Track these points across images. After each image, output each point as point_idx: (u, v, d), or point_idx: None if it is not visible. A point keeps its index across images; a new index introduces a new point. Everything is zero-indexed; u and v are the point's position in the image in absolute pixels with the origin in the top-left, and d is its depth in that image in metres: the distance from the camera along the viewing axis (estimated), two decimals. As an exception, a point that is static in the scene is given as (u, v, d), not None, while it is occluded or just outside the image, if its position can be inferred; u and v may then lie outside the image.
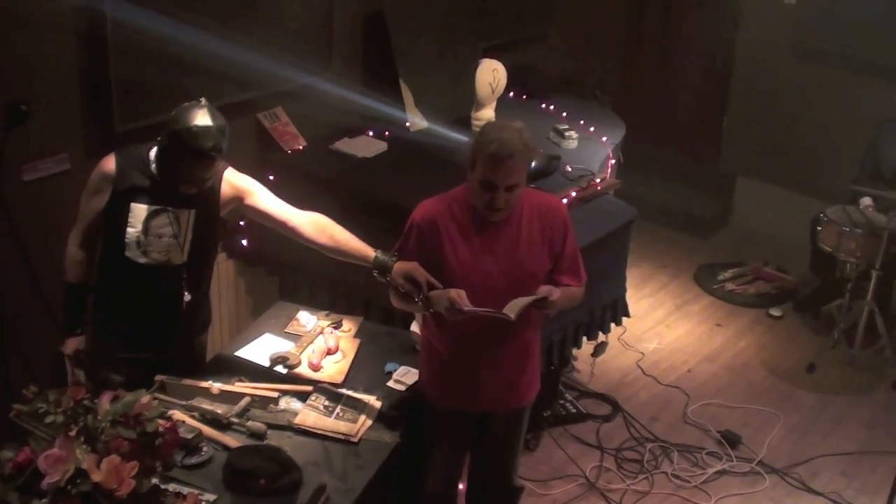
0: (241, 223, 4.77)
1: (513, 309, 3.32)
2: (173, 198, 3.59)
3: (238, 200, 3.74)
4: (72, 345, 3.77)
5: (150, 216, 3.58)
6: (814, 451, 5.25)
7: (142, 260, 3.61)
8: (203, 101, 3.50)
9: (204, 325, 3.97)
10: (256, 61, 4.77)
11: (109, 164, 3.60)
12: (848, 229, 5.83)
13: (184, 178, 3.53)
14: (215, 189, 3.68)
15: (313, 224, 3.71)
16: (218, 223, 3.78)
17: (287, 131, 5.17)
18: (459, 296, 3.34)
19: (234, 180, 3.72)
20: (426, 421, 3.73)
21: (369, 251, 3.61)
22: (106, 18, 4.20)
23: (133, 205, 3.58)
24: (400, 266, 3.50)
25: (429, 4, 5.70)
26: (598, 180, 5.08)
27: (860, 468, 5.16)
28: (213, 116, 3.46)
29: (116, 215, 3.60)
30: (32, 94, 4.09)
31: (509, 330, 3.46)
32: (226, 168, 3.72)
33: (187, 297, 3.72)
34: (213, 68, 4.54)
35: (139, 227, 3.58)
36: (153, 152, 3.60)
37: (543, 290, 3.39)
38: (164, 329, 3.74)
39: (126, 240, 3.59)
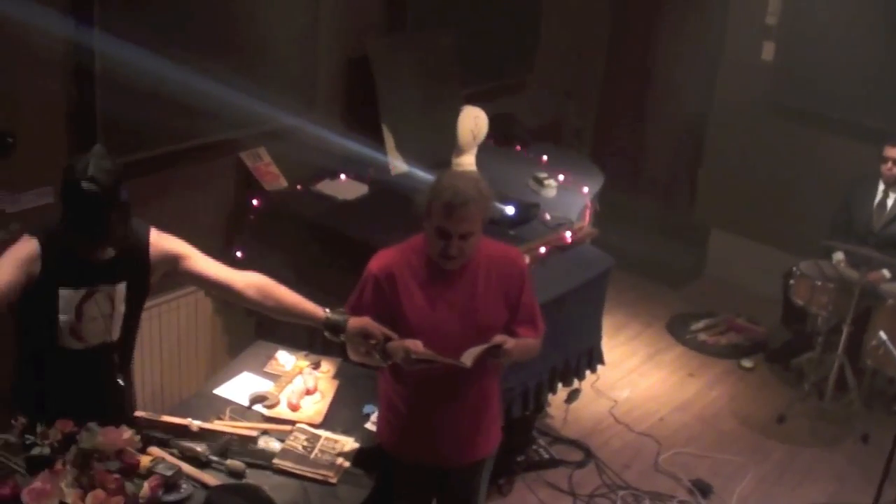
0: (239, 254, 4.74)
1: (468, 357, 3.31)
2: (101, 273, 3.30)
3: (170, 265, 3.45)
4: None
5: (83, 299, 3.28)
6: (783, 502, 5.28)
7: (77, 346, 3.33)
8: (95, 147, 3.22)
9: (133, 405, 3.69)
10: (241, 101, 4.80)
11: (33, 248, 3.19)
12: (820, 283, 5.90)
13: (87, 230, 3.17)
14: (143, 255, 3.38)
15: (257, 288, 3.52)
16: (146, 293, 3.49)
17: (269, 171, 5.19)
18: (415, 345, 3.31)
19: (162, 243, 3.43)
20: (389, 473, 3.65)
21: (319, 312, 3.48)
22: (95, 54, 4.24)
23: (62, 290, 3.24)
24: (354, 323, 3.42)
25: (413, 51, 5.76)
26: (576, 229, 5.13)
27: (829, 520, 5.20)
28: (96, 156, 3.13)
29: (42, 303, 3.25)
30: (19, 126, 4.09)
31: (466, 381, 3.43)
32: (149, 230, 3.42)
33: (119, 379, 3.51)
34: (199, 106, 4.59)
35: (71, 312, 3.27)
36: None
37: (498, 338, 3.36)
38: (100, 411, 3.28)
39: (59, 328, 3.28)
